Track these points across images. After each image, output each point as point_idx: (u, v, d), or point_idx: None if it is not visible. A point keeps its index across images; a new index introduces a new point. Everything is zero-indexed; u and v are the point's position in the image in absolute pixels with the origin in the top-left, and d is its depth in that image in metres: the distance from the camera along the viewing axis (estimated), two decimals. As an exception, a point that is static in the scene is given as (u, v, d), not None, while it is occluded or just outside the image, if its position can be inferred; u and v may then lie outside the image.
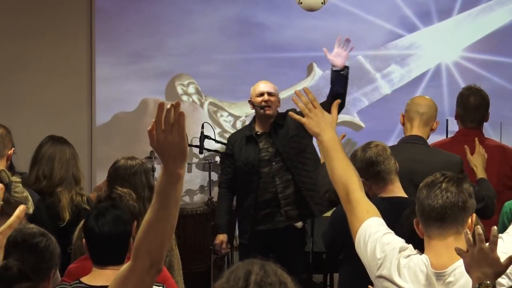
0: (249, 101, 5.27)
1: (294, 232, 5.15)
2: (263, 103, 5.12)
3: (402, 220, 3.03)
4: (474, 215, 2.67)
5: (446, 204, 2.58)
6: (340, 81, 4.76)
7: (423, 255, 2.63)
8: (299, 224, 5.16)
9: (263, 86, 5.22)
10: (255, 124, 5.25)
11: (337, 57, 4.68)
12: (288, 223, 5.12)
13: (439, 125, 4.32)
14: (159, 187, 1.95)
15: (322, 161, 4.44)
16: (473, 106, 4.62)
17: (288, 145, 5.09)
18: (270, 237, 5.14)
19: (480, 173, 4.24)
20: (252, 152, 5.15)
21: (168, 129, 1.92)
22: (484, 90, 4.73)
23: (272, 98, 5.15)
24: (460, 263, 2.53)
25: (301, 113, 3.64)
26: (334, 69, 4.73)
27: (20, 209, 1.55)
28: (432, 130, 4.26)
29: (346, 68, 4.73)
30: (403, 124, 4.29)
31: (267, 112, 5.12)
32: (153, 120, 1.93)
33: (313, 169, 5.00)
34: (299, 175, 5.08)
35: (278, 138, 5.13)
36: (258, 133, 5.20)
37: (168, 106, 1.91)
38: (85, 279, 2.99)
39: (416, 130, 4.19)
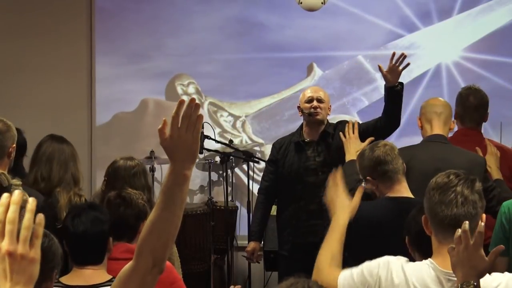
0: (298, 107, 5.03)
1: None
2: (311, 110, 4.88)
3: (409, 220, 3.02)
4: (484, 215, 2.64)
5: (460, 212, 2.49)
6: (394, 97, 4.63)
7: (428, 260, 2.61)
8: None
9: (312, 92, 4.97)
10: (302, 131, 5.01)
11: (392, 73, 4.54)
12: None
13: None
14: (165, 187, 1.92)
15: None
16: (472, 105, 4.62)
17: (338, 156, 4.75)
18: (311, 251, 4.92)
19: (495, 174, 4.26)
20: (298, 159, 4.92)
21: (184, 127, 1.88)
22: (483, 90, 4.74)
23: (321, 105, 4.90)
24: None
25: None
26: (387, 85, 4.60)
27: (40, 218, 1.53)
28: (450, 129, 4.29)
29: (400, 84, 4.61)
30: (421, 127, 4.30)
31: (316, 117, 4.87)
32: (163, 118, 1.90)
33: None
34: None
35: (327, 148, 4.90)
36: (306, 140, 4.96)
37: (188, 103, 1.88)
38: (63, 279, 3.01)
39: (437, 129, 4.21)
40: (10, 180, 3.11)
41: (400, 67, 4.52)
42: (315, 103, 4.90)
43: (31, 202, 1.49)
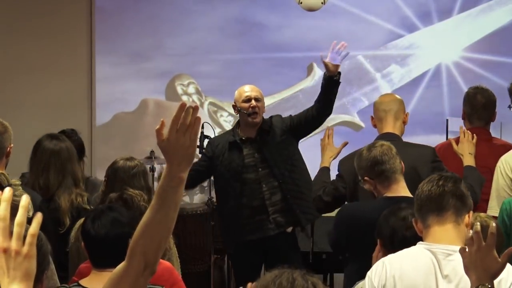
0: (233, 106, 5.08)
1: (285, 237, 4.98)
2: (250, 110, 4.91)
3: (380, 222, 3.05)
4: (471, 212, 2.69)
5: (443, 192, 2.64)
6: (331, 86, 4.78)
7: (417, 244, 2.67)
8: (289, 229, 5.00)
9: (250, 91, 5.01)
10: (239, 130, 5.04)
11: (332, 61, 4.69)
12: (278, 230, 4.94)
13: (438, 125, 4.34)
14: (160, 189, 1.91)
15: (323, 165, 4.47)
16: (480, 103, 4.61)
17: (276, 151, 4.92)
18: (261, 245, 4.97)
19: (467, 161, 4.20)
20: (236, 158, 4.94)
21: (182, 130, 1.88)
22: (490, 90, 4.74)
23: (259, 104, 4.94)
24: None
25: (287, 119, 5.03)
26: (328, 74, 4.73)
27: (37, 216, 1.53)
28: (404, 123, 4.30)
29: (338, 73, 4.75)
30: (375, 126, 4.32)
31: (254, 120, 4.92)
32: (161, 119, 1.90)
33: (299, 176, 4.92)
34: (286, 183, 4.92)
35: (264, 145, 4.95)
36: (243, 138, 4.99)
37: (187, 107, 1.88)
38: (84, 282, 2.98)
39: (388, 127, 4.23)
40: (9, 180, 3.10)
41: (340, 56, 4.67)
42: (253, 102, 4.93)
43: (24, 198, 1.50)
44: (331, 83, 4.76)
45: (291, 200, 4.92)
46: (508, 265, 2.52)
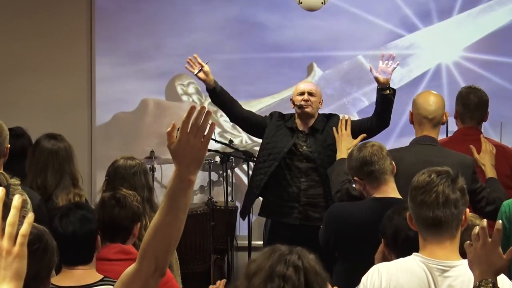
0: (291, 100, 5.23)
1: (313, 232, 5.04)
2: (302, 102, 5.06)
3: (384, 222, 3.05)
4: (467, 210, 2.68)
5: (441, 214, 2.58)
6: (385, 103, 4.89)
7: (412, 255, 2.65)
8: None
9: (304, 85, 5.20)
10: (295, 121, 5.18)
11: (382, 73, 4.80)
12: (305, 222, 5.01)
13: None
14: (170, 191, 1.92)
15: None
16: (473, 103, 4.61)
17: (324, 152, 5.01)
18: (287, 231, 5.04)
19: (489, 172, 4.26)
20: (288, 140, 5.07)
21: (194, 132, 1.89)
22: (483, 90, 4.74)
23: (312, 98, 5.08)
24: (459, 262, 2.55)
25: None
26: (379, 87, 4.87)
27: (29, 217, 1.53)
28: (442, 123, 4.29)
29: (391, 89, 4.86)
30: (412, 123, 4.30)
31: (305, 109, 5.05)
32: (173, 122, 1.90)
33: None
34: (329, 186, 4.96)
35: (315, 142, 5.06)
36: (299, 129, 5.12)
37: (199, 109, 1.88)
38: (54, 280, 2.98)
39: (427, 131, 4.20)
40: (9, 179, 3.09)
41: (390, 68, 4.81)
42: (306, 96, 5.08)
43: (16, 199, 1.51)
44: (384, 100, 4.88)
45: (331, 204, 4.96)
46: (502, 275, 2.52)
